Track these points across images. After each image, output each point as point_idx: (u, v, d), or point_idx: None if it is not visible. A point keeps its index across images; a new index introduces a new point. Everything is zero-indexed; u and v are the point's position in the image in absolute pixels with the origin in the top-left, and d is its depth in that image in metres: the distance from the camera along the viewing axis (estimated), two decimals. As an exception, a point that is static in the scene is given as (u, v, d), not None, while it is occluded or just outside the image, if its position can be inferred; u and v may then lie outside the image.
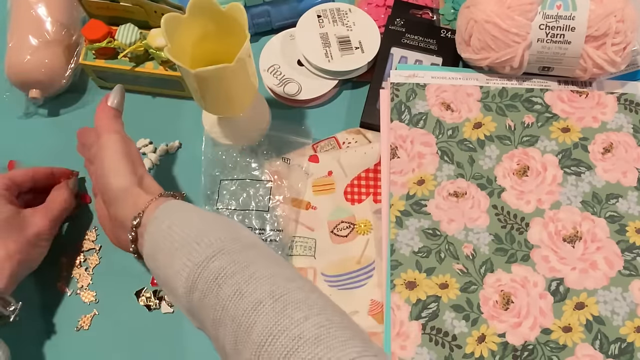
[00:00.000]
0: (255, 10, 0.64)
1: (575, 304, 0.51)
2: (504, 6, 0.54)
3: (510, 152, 0.57)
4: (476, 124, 0.58)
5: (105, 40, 0.60)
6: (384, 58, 0.63)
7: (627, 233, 0.53)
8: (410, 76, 0.60)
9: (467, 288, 0.51)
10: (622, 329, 0.50)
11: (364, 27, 0.64)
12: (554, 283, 0.51)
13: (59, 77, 0.63)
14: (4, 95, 0.64)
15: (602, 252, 0.52)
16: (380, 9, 0.67)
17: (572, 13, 0.54)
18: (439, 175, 0.56)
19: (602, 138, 0.57)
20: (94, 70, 0.63)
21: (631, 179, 0.55)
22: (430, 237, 0.53)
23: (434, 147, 0.57)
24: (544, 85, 0.60)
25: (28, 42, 0.61)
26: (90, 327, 0.55)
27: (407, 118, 0.58)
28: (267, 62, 0.64)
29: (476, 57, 0.58)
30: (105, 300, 0.56)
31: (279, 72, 0.64)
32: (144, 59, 0.61)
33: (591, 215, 0.54)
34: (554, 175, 0.56)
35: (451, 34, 0.63)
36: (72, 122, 0.64)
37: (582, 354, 0.49)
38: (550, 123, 0.58)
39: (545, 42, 0.55)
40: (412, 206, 0.54)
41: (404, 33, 0.64)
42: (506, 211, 0.54)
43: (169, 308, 0.55)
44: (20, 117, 0.65)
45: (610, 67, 0.55)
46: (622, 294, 0.51)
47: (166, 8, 0.59)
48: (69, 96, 0.66)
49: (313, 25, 0.64)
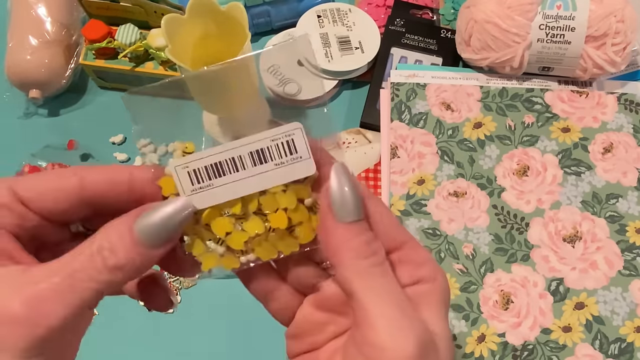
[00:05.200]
0: (255, 10, 0.64)
1: (575, 304, 0.51)
2: (504, 6, 0.54)
3: (510, 152, 0.57)
4: (476, 124, 0.58)
5: (105, 40, 0.60)
6: (384, 58, 0.63)
7: (627, 233, 0.53)
8: (411, 76, 0.60)
9: (467, 288, 0.51)
10: (622, 329, 0.50)
11: (364, 27, 0.64)
12: (554, 283, 0.51)
13: (59, 77, 0.62)
14: (4, 95, 0.64)
15: (602, 252, 0.52)
16: (380, 9, 0.67)
17: (572, 13, 0.54)
18: (439, 175, 0.56)
19: (602, 138, 0.57)
20: (94, 70, 0.63)
21: (631, 179, 0.55)
22: (430, 236, 0.53)
23: (434, 147, 0.57)
24: (544, 85, 0.60)
25: (28, 42, 0.61)
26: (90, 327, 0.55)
27: (407, 118, 0.58)
28: (267, 62, 0.64)
29: (476, 57, 0.58)
30: (105, 300, 0.56)
31: (279, 72, 0.64)
32: (144, 59, 0.61)
33: (591, 215, 0.54)
34: (554, 175, 0.56)
35: (451, 34, 0.63)
36: (72, 122, 0.64)
37: (582, 353, 0.49)
38: (550, 123, 0.58)
39: (545, 42, 0.55)
40: (412, 206, 0.55)
41: (404, 33, 0.64)
42: (506, 211, 0.54)
43: (169, 308, 0.55)
44: (20, 117, 0.65)
45: (610, 67, 0.55)
46: (622, 294, 0.51)
47: (166, 8, 0.59)
48: (69, 96, 0.66)
49: (313, 25, 0.64)
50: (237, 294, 0.55)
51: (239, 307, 0.55)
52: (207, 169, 0.26)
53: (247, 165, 0.25)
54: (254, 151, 0.25)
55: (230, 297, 0.55)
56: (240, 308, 0.55)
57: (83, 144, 0.62)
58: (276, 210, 0.26)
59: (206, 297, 0.56)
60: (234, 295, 0.55)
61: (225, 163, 0.26)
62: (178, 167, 0.26)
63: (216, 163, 0.26)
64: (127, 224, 0.24)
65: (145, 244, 0.24)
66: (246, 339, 0.54)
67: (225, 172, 0.26)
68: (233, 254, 0.27)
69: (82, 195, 0.26)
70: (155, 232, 0.24)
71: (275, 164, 0.26)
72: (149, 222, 0.24)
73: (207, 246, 0.27)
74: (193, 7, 0.48)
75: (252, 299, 0.32)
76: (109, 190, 0.26)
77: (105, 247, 0.24)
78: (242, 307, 0.55)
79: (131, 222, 0.24)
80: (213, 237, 0.27)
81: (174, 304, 0.32)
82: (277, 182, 0.26)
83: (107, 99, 0.66)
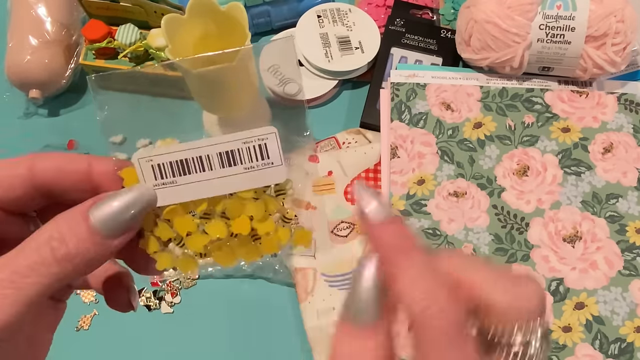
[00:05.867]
0: (255, 10, 0.64)
1: (575, 304, 0.51)
2: (504, 6, 0.54)
3: (510, 152, 0.57)
4: (476, 124, 0.58)
5: (105, 40, 0.60)
6: (384, 58, 0.63)
7: (627, 233, 0.53)
8: (411, 76, 0.60)
9: (467, 288, 0.51)
10: (621, 329, 0.50)
11: (364, 27, 0.64)
12: (554, 283, 0.51)
13: (59, 77, 0.62)
14: (4, 95, 0.64)
15: (602, 252, 0.52)
16: (380, 9, 0.67)
17: (572, 13, 0.54)
18: (439, 175, 0.56)
19: (602, 138, 0.57)
20: (94, 70, 0.62)
21: (631, 179, 0.55)
22: (430, 237, 0.53)
23: (434, 147, 0.57)
24: (544, 85, 0.60)
25: (28, 42, 0.61)
26: (90, 327, 0.55)
27: (407, 118, 0.58)
28: (267, 62, 0.64)
29: (476, 57, 0.58)
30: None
31: (279, 72, 0.64)
32: (144, 59, 0.61)
33: (591, 215, 0.54)
34: (554, 175, 0.56)
35: (451, 34, 0.63)
36: (72, 122, 0.64)
37: (582, 353, 0.49)
38: (550, 123, 0.58)
39: (545, 42, 0.55)
40: (412, 206, 0.54)
41: (404, 33, 0.64)
42: (506, 211, 0.54)
43: (169, 308, 0.55)
44: (20, 117, 0.65)
45: (610, 67, 0.55)
46: (622, 294, 0.51)
47: (166, 8, 0.59)
48: (69, 96, 0.66)
49: (313, 26, 0.64)
50: (237, 294, 0.55)
51: (239, 307, 0.55)
52: (172, 165, 0.25)
53: (214, 166, 0.25)
54: (223, 152, 0.25)
55: (230, 297, 0.55)
56: (241, 308, 0.55)
57: (83, 144, 0.63)
58: (240, 215, 0.25)
59: (206, 297, 0.56)
60: (234, 295, 0.55)
61: (191, 161, 0.25)
62: (142, 159, 0.25)
63: (182, 160, 0.25)
64: (81, 213, 0.23)
65: (101, 233, 0.23)
66: (246, 338, 0.54)
67: (191, 171, 0.25)
68: (191, 256, 0.26)
69: (34, 183, 0.25)
70: (113, 219, 0.23)
71: (245, 167, 0.25)
72: (107, 210, 0.23)
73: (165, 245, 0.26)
74: (193, 7, 0.48)
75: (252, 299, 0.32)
76: (61, 179, 0.25)
77: (54, 237, 0.22)
78: (242, 307, 0.55)
79: (85, 211, 0.23)
80: (172, 236, 0.26)
81: (134, 307, 0.29)
82: (244, 186, 0.25)
83: (107, 99, 0.66)
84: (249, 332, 0.54)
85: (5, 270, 0.22)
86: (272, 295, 0.55)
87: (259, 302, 0.55)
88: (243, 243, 0.26)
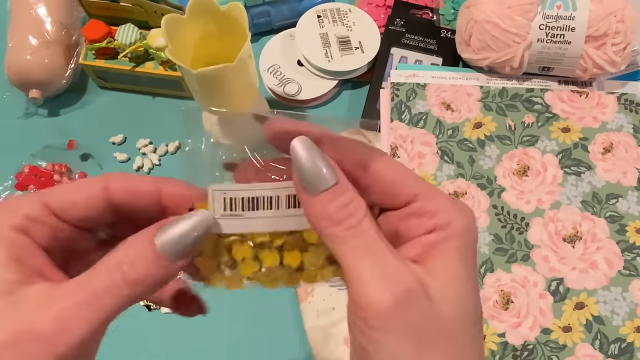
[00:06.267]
0: (255, 10, 0.64)
1: (575, 304, 0.51)
2: (504, 6, 0.54)
3: (510, 152, 0.57)
4: (476, 124, 0.58)
5: (105, 40, 0.60)
6: (384, 58, 0.63)
7: (627, 233, 0.53)
8: (411, 76, 0.60)
9: (467, 288, 0.51)
10: (621, 329, 0.50)
11: (364, 27, 0.64)
12: (554, 283, 0.51)
13: (59, 77, 0.62)
14: (4, 95, 0.64)
15: (602, 252, 0.52)
16: (380, 9, 0.67)
17: (572, 13, 0.54)
18: (439, 175, 0.56)
19: (602, 138, 0.57)
20: (94, 70, 0.63)
21: (631, 179, 0.55)
22: (430, 237, 0.53)
23: (434, 147, 0.57)
24: (544, 85, 0.60)
25: (28, 42, 0.61)
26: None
27: (407, 118, 0.58)
28: (267, 62, 0.64)
29: (476, 57, 0.58)
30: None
31: (279, 72, 0.64)
32: (144, 59, 0.61)
33: (591, 215, 0.54)
34: (554, 175, 0.56)
35: (451, 34, 0.63)
36: (72, 122, 0.64)
37: (582, 353, 0.49)
38: (550, 123, 0.58)
39: (545, 42, 0.55)
40: (412, 206, 0.54)
41: (404, 33, 0.64)
42: (506, 211, 0.54)
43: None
44: (20, 117, 0.65)
45: (610, 67, 0.55)
46: (622, 294, 0.51)
47: (166, 8, 0.59)
48: (69, 96, 0.66)
49: (313, 25, 0.64)
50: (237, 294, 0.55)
51: (239, 307, 0.55)
52: (243, 200, 0.27)
53: (281, 206, 0.26)
54: (291, 195, 0.26)
55: (230, 297, 0.55)
56: (241, 308, 0.55)
57: (83, 144, 0.63)
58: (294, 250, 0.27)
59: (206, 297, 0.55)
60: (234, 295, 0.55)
61: (262, 199, 0.27)
62: (217, 191, 0.27)
63: (253, 197, 0.27)
64: (148, 238, 0.25)
65: (166, 257, 0.24)
66: (246, 339, 0.54)
67: (259, 207, 0.27)
68: (239, 277, 0.28)
69: (109, 203, 0.27)
70: (177, 244, 0.25)
71: None
72: (171, 235, 0.25)
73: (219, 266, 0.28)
74: (193, 7, 0.48)
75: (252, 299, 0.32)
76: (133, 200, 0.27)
77: (124, 261, 0.24)
78: (242, 306, 0.55)
79: (151, 236, 0.25)
80: (227, 259, 0.27)
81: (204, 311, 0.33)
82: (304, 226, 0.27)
83: (107, 99, 0.66)
84: (249, 332, 0.54)
85: (80, 293, 0.24)
86: (272, 295, 0.55)
87: (259, 302, 0.55)
88: (288, 272, 0.28)
